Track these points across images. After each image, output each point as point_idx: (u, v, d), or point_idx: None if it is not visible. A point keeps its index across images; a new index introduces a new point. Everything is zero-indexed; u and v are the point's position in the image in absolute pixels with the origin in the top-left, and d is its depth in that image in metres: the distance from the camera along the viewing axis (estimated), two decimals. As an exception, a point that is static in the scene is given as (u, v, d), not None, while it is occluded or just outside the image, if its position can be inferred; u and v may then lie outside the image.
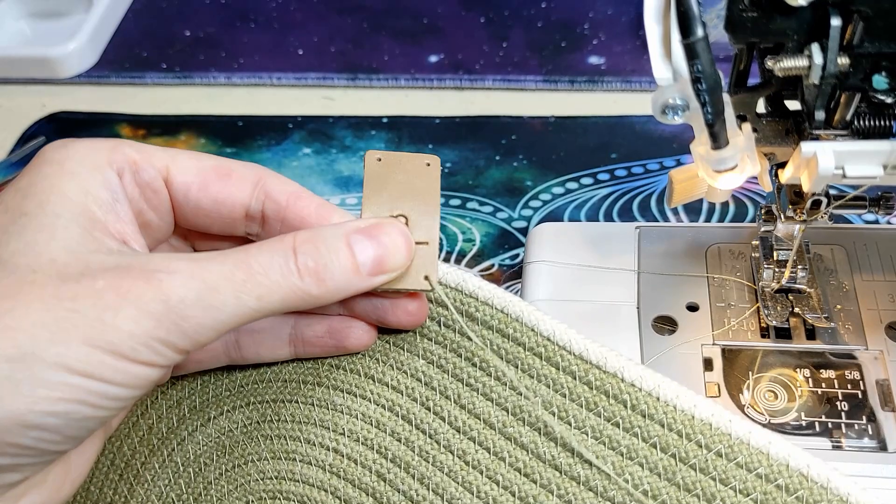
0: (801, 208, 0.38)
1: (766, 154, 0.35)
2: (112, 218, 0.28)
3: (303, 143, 0.63)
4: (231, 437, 0.33)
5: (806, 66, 0.30)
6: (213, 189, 0.31)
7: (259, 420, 0.33)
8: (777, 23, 0.30)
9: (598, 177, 0.59)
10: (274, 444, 0.32)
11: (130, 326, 0.25)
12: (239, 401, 0.34)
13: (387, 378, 0.32)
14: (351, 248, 0.28)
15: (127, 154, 0.29)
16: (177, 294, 0.26)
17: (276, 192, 0.31)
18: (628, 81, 0.65)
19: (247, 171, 0.31)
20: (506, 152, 0.61)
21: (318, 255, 0.28)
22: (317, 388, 0.32)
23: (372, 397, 0.32)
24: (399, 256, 0.29)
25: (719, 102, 0.28)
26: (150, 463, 0.33)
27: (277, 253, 0.27)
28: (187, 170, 0.30)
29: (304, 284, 0.28)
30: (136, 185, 0.30)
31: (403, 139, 0.63)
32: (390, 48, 0.70)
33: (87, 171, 0.28)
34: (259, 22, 0.73)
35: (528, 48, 0.69)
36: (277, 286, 0.27)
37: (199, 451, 0.33)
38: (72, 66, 0.69)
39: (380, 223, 0.30)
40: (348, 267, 0.28)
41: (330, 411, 0.32)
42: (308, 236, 0.28)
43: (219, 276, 0.26)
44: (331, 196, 0.59)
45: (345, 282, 0.28)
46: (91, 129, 0.66)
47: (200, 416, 0.34)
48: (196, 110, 0.67)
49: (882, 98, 0.31)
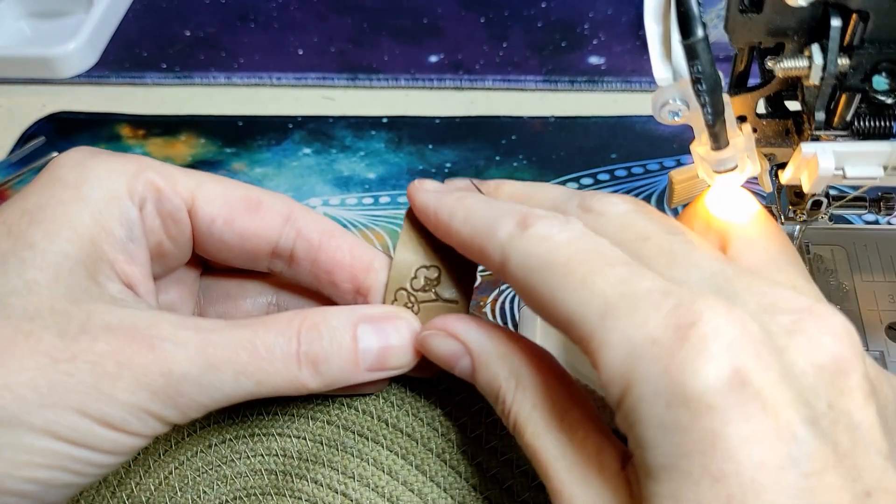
0: (802, 209, 0.38)
1: (766, 155, 0.35)
2: (123, 258, 0.27)
3: (303, 142, 0.63)
4: (232, 468, 0.32)
5: (806, 67, 0.30)
6: (240, 223, 0.29)
7: (263, 453, 0.32)
8: (777, 23, 0.30)
9: (598, 177, 0.59)
10: (279, 480, 0.31)
11: (126, 397, 0.24)
12: (242, 431, 0.32)
13: (401, 424, 0.31)
14: (355, 341, 0.27)
15: (151, 181, 0.27)
16: (180, 369, 0.24)
17: (308, 230, 0.29)
18: (628, 81, 0.65)
19: (277, 204, 0.29)
20: (506, 152, 0.61)
21: (320, 346, 0.26)
22: (326, 426, 0.31)
23: (385, 443, 0.30)
24: (404, 356, 0.28)
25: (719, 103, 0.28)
26: (146, 483, 0.32)
27: (283, 335, 0.26)
28: (213, 200, 0.28)
29: (301, 375, 0.26)
30: (157, 215, 0.28)
31: (403, 139, 0.63)
32: (390, 48, 0.70)
33: (105, 200, 0.26)
34: (259, 22, 0.73)
35: (528, 48, 0.69)
36: (277, 372, 0.26)
37: (199, 478, 0.32)
38: (72, 66, 0.69)
39: (392, 314, 0.28)
40: (349, 361, 0.27)
41: (339, 452, 0.31)
42: (315, 321, 0.27)
43: (223, 355, 0.25)
44: (331, 196, 0.59)
45: (342, 376, 0.27)
46: (91, 129, 0.66)
47: (201, 441, 0.32)
48: (196, 110, 0.67)
49: (882, 99, 0.30)
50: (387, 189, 0.59)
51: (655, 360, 0.21)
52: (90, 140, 0.65)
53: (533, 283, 0.24)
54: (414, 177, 0.59)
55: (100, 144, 0.64)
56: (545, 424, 0.25)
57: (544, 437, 0.25)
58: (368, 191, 0.59)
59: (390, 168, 0.61)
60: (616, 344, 0.22)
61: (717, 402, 0.20)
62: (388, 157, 0.61)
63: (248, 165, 0.62)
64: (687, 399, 0.20)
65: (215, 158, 0.62)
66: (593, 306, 0.23)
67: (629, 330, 0.22)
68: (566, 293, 0.23)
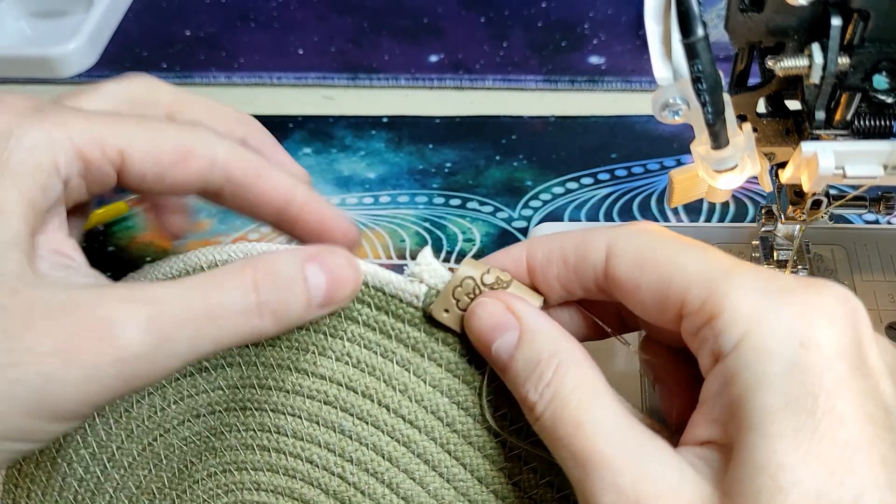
0: (802, 208, 0.38)
1: (766, 154, 0.35)
2: (50, 227, 0.26)
3: (303, 142, 0.63)
4: (222, 440, 0.32)
5: (806, 66, 0.30)
6: (170, 176, 0.28)
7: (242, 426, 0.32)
8: (777, 22, 0.30)
9: (598, 177, 0.59)
10: (264, 455, 0.31)
11: (77, 396, 0.24)
12: (233, 403, 0.33)
13: (403, 411, 0.31)
14: (306, 282, 0.27)
15: (76, 149, 0.26)
16: (132, 352, 0.24)
17: (234, 171, 0.29)
18: (628, 81, 0.65)
19: (206, 148, 0.29)
20: (506, 152, 0.61)
21: (278, 293, 0.26)
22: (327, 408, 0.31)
23: (386, 429, 0.31)
24: (347, 286, 0.28)
25: (719, 102, 0.28)
26: (128, 448, 0.33)
27: (237, 290, 0.26)
28: (143, 158, 0.28)
29: (262, 324, 0.26)
30: (83, 182, 0.27)
31: (404, 139, 0.63)
32: (390, 48, 0.70)
33: (31, 174, 0.26)
34: (259, 22, 0.73)
35: (528, 48, 0.69)
36: (235, 327, 0.26)
37: (186, 448, 0.32)
38: (72, 66, 0.69)
39: (328, 249, 0.28)
40: (304, 301, 0.27)
41: (336, 434, 0.31)
42: (268, 269, 0.27)
43: (177, 323, 0.25)
44: (331, 196, 0.59)
45: (297, 317, 0.27)
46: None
47: (189, 411, 0.33)
48: (196, 110, 0.67)
49: (882, 98, 0.30)
50: (387, 189, 0.59)
51: (790, 304, 0.22)
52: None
53: (649, 251, 0.26)
54: (414, 176, 0.60)
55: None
56: (589, 401, 0.25)
57: (588, 412, 0.24)
58: (369, 190, 0.59)
59: (390, 168, 0.61)
60: (747, 287, 0.23)
61: (846, 350, 0.22)
62: (388, 157, 0.61)
63: (248, 165, 0.62)
64: (822, 342, 0.22)
65: (215, 158, 0.62)
66: (721, 264, 0.24)
67: (760, 280, 0.23)
68: (689, 256, 0.25)
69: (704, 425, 0.24)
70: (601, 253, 0.26)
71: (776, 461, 0.21)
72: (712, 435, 0.23)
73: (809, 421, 0.21)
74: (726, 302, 0.23)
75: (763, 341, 0.22)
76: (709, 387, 0.24)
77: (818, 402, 0.21)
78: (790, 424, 0.21)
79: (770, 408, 0.22)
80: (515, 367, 0.27)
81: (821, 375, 0.22)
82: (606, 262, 0.26)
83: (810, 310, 0.22)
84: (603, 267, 0.26)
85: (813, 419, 0.21)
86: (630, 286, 0.26)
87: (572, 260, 0.27)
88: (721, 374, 0.23)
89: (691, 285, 0.24)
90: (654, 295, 0.25)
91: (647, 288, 0.25)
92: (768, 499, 0.21)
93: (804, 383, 0.22)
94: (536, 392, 0.26)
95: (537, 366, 0.26)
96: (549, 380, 0.25)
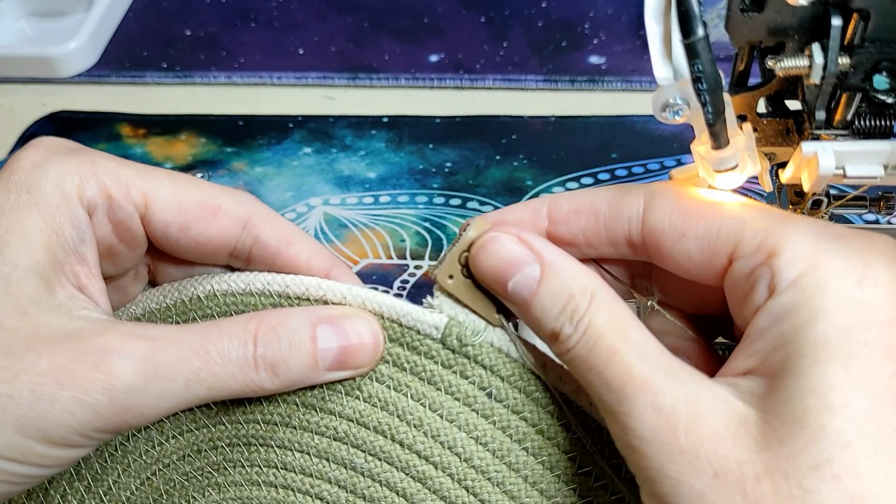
0: (802, 208, 0.38)
1: (766, 154, 0.35)
2: (74, 260, 0.27)
3: (303, 142, 0.63)
4: (226, 476, 0.31)
5: (807, 66, 0.30)
6: (196, 230, 0.28)
7: (261, 464, 0.31)
8: (777, 22, 0.30)
9: (598, 176, 0.59)
10: (279, 494, 0.30)
11: (66, 419, 0.24)
12: (235, 437, 0.31)
13: (412, 443, 0.30)
14: (315, 342, 0.27)
15: (103, 186, 0.27)
16: (125, 382, 0.24)
17: (265, 237, 0.29)
18: (629, 81, 0.65)
19: (235, 208, 0.29)
20: (506, 152, 0.61)
21: (278, 348, 0.26)
22: (333, 441, 0.30)
23: (398, 465, 0.30)
24: (365, 355, 0.27)
25: (720, 102, 0.28)
26: (125, 482, 0.32)
27: (237, 339, 0.26)
28: (168, 207, 0.28)
29: (259, 378, 0.26)
30: (108, 222, 0.28)
31: (404, 139, 0.63)
32: (391, 48, 0.70)
33: (57, 203, 0.26)
34: (260, 21, 0.73)
35: (528, 48, 0.69)
36: (231, 377, 0.26)
37: (187, 483, 0.32)
38: (72, 66, 0.69)
39: (352, 314, 0.27)
40: (307, 362, 0.27)
41: (347, 471, 0.30)
42: (272, 323, 0.26)
43: (173, 362, 0.25)
44: (331, 195, 0.59)
45: (300, 377, 0.27)
46: (91, 129, 0.66)
47: (189, 446, 0.32)
48: (196, 110, 0.67)
49: (883, 98, 0.30)
50: (387, 188, 0.59)
51: (848, 247, 0.23)
52: (90, 139, 0.65)
53: (694, 201, 0.26)
54: (414, 176, 0.60)
55: (100, 143, 0.64)
56: (624, 329, 0.25)
57: (624, 341, 0.24)
58: (369, 190, 0.59)
59: (390, 167, 0.61)
60: (805, 231, 0.24)
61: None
62: (388, 157, 0.61)
63: (248, 165, 0.62)
64: (878, 281, 0.22)
65: (216, 158, 0.62)
66: (774, 212, 0.25)
67: (817, 226, 0.24)
68: (737, 205, 0.25)
69: (744, 359, 0.24)
70: (639, 203, 0.26)
71: (827, 383, 0.21)
72: (753, 366, 0.24)
73: (862, 350, 0.22)
74: (786, 242, 0.23)
75: (822, 277, 0.23)
76: (757, 323, 0.24)
77: (871, 334, 0.22)
78: (844, 352, 0.22)
79: (825, 336, 0.22)
80: (541, 302, 0.26)
81: (876, 311, 0.22)
82: (645, 213, 0.26)
83: (867, 252, 0.23)
84: (640, 218, 0.26)
85: (865, 348, 0.22)
86: (672, 236, 0.26)
87: (605, 211, 0.27)
88: (774, 310, 0.23)
89: (745, 229, 0.24)
90: (700, 242, 0.25)
91: (693, 235, 0.25)
92: (815, 415, 0.21)
93: (860, 317, 0.22)
94: (571, 325, 0.25)
95: (570, 299, 0.25)
96: (584, 312, 0.25)
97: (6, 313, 0.25)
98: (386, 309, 0.29)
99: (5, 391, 0.24)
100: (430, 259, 0.55)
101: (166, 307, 0.31)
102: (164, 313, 0.31)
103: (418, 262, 0.54)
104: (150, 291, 0.32)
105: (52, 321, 0.25)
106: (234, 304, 0.30)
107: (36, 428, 0.24)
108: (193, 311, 0.30)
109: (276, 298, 0.29)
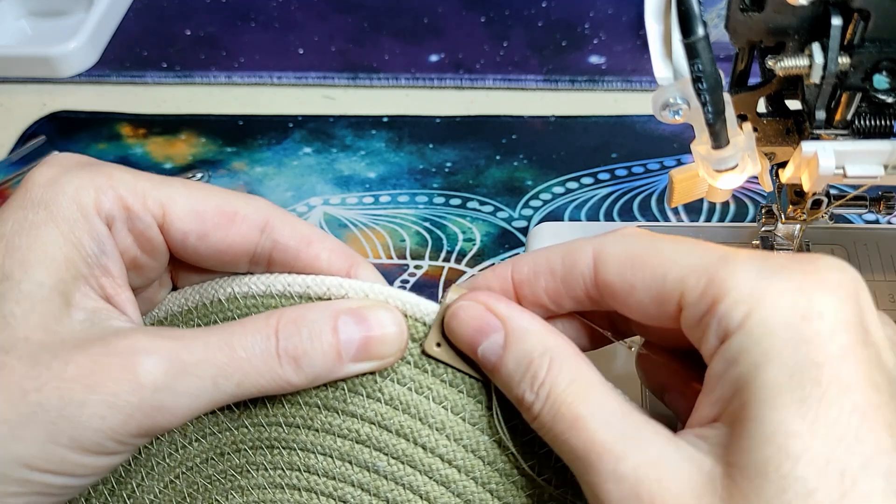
0: (802, 208, 0.38)
1: (766, 154, 0.35)
2: (98, 272, 0.27)
3: (303, 142, 0.63)
4: (248, 479, 0.31)
5: (807, 66, 0.30)
6: (214, 237, 0.28)
7: (284, 467, 0.31)
8: (777, 22, 0.30)
9: (598, 176, 0.59)
10: (302, 497, 0.30)
11: (97, 423, 0.24)
12: (258, 440, 0.31)
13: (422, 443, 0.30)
14: (336, 333, 0.27)
15: (120, 198, 0.27)
16: (152, 381, 0.24)
17: (284, 239, 0.29)
18: (629, 81, 0.65)
19: (253, 213, 0.29)
20: (506, 152, 0.61)
21: (299, 340, 0.26)
22: (355, 444, 0.30)
23: (413, 466, 0.30)
24: (390, 345, 0.27)
25: (720, 102, 0.28)
26: (148, 485, 0.32)
27: (260, 333, 0.26)
28: (185, 216, 0.28)
29: (283, 372, 0.26)
30: (128, 234, 0.28)
31: (404, 138, 0.63)
32: (391, 47, 0.70)
33: (75, 217, 0.26)
34: (260, 21, 0.73)
35: (528, 47, 0.69)
36: (257, 371, 0.26)
37: (210, 486, 0.31)
38: (72, 65, 0.69)
39: (374, 305, 0.28)
40: (330, 354, 0.27)
41: (370, 474, 0.30)
42: (293, 317, 0.27)
43: (200, 358, 0.25)
44: (331, 195, 0.59)
45: (324, 369, 0.27)
46: (91, 128, 0.66)
47: (212, 449, 0.31)
48: (196, 109, 0.67)
49: (883, 98, 0.30)
50: (387, 188, 0.59)
51: (789, 280, 0.22)
52: (91, 139, 0.65)
53: (639, 251, 0.25)
54: (414, 176, 0.60)
55: (100, 143, 0.64)
56: (585, 394, 0.25)
57: (585, 406, 0.24)
58: (369, 190, 0.59)
59: (391, 167, 0.61)
60: (745, 269, 0.23)
61: (848, 320, 0.22)
62: (388, 157, 0.61)
63: (248, 165, 0.62)
64: (823, 313, 0.22)
65: (216, 158, 0.62)
66: (714, 252, 0.24)
67: (756, 260, 0.23)
68: (680, 249, 0.25)
69: (708, 406, 0.24)
70: (588, 259, 0.26)
71: (784, 430, 0.21)
72: (716, 413, 0.23)
73: (816, 389, 0.21)
74: (727, 285, 0.23)
75: (766, 317, 0.22)
76: (713, 369, 0.24)
77: (823, 371, 0.21)
78: (797, 394, 0.21)
79: (776, 380, 0.22)
80: (506, 368, 0.26)
81: (824, 345, 0.22)
82: (595, 268, 0.26)
83: (809, 283, 0.22)
84: (592, 273, 0.26)
85: (819, 387, 0.21)
86: (623, 288, 0.25)
87: (560, 270, 0.27)
88: (726, 355, 0.23)
89: (688, 276, 0.24)
90: (649, 292, 0.25)
91: (641, 286, 0.25)
92: (776, 466, 0.21)
93: (808, 354, 0.22)
94: (532, 392, 0.25)
95: (530, 365, 0.26)
96: (544, 378, 0.25)
97: (32, 328, 0.25)
98: (410, 307, 0.28)
99: (34, 400, 0.24)
100: (430, 259, 0.55)
101: (188, 310, 0.31)
102: (185, 316, 0.31)
103: (418, 261, 0.54)
104: (172, 295, 0.32)
105: (78, 332, 0.25)
106: (255, 306, 0.30)
107: (68, 435, 0.24)
108: (215, 314, 0.31)
109: (297, 300, 0.29)
